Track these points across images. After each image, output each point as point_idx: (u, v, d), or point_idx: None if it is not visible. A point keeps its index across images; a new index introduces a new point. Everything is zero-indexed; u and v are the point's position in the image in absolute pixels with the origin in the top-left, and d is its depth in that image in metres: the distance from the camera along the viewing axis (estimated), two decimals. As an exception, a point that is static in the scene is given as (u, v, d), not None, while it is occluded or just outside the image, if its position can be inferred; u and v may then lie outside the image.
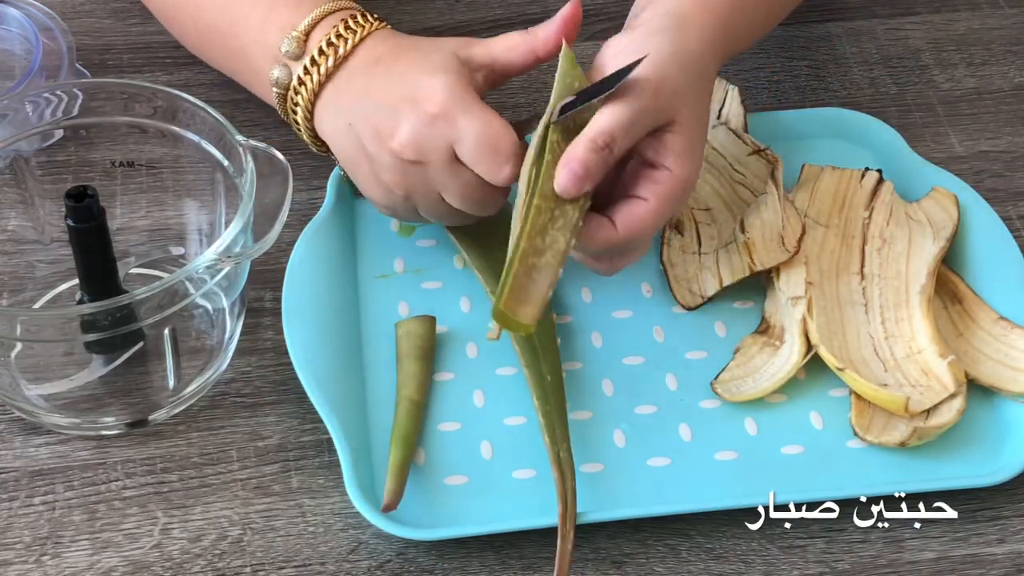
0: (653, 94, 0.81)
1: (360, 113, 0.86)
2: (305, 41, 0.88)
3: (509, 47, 0.86)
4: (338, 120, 0.87)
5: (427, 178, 0.85)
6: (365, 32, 0.88)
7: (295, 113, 0.90)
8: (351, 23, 0.88)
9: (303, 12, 0.89)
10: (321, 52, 0.87)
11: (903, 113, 1.07)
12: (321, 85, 0.88)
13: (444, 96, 0.83)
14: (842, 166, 0.98)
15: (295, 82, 0.88)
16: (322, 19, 0.89)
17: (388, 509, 0.80)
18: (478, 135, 0.82)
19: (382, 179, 0.86)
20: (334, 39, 0.88)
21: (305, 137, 0.91)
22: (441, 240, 0.96)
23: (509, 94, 1.07)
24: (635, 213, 0.82)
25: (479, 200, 0.85)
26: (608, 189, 0.83)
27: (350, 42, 0.88)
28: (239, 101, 1.02)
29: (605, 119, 0.80)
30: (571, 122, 0.82)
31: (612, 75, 0.81)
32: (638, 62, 0.80)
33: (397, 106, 0.84)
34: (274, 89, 0.90)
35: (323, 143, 0.91)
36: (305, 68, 0.88)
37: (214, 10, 0.94)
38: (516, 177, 0.82)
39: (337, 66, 0.87)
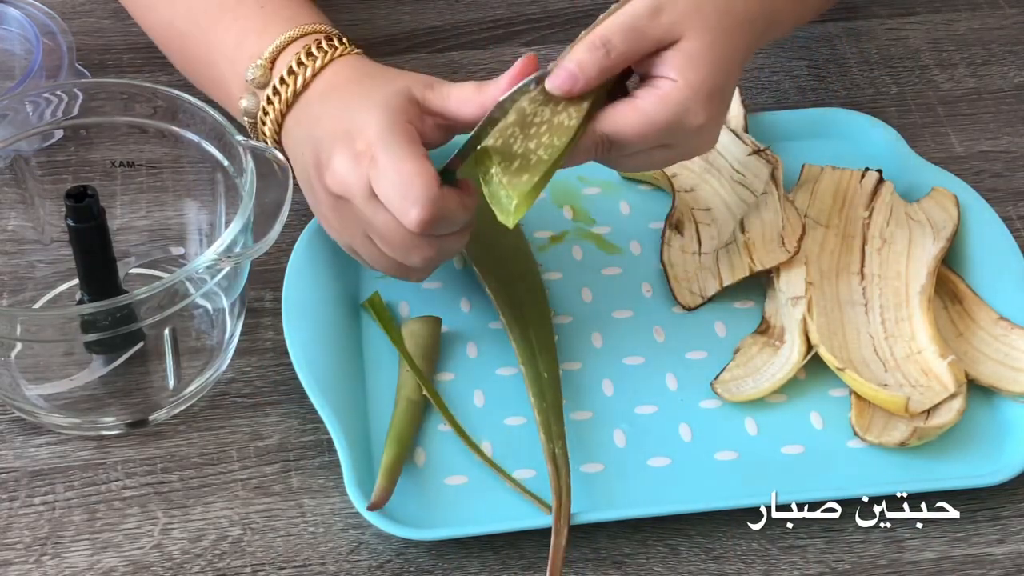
0: (655, 8, 0.80)
1: (309, 143, 0.85)
2: (271, 68, 0.87)
3: (461, 101, 0.83)
4: (296, 149, 0.86)
5: (353, 215, 0.83)
6: (328, 58, 0.87)
7: (264, 141, 0.89)
8: (314, 49, 0.87)
9: (269, 38, 0.88)
10: (282, 81, 0.86)
11: (903, 113, 1.07)
12: (283, 113, 0.87)
13: (372, 133, 0.81)
14: (842, 166, 0.98)
15: (260, 112, 0.88)
16: (287, 46, 0.87)
17: (374, 507, 0.80)
18: (392, 174, 0.79)
19: (321, 211, 0.86)
20: (295, 67, 0.86)
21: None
22: (441, 240, 0.96)
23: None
24: (621, 108, 0.80)
25: (400, 244, 0.82)
26: None
27: (310, 70, 0.86)
28: (239, 101, 1.02)
29: (606, 23, 0.79)
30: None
31: None
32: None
33: (332, 139, 0.82)
34: (244, 119, 0.89)
35: None
36: (267, 97, 0.87)
37: (196, 39, 0.93)
38: (425, 224, 0.79)
39: (297, 94, 0.86)
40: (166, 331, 0.85)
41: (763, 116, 1.03)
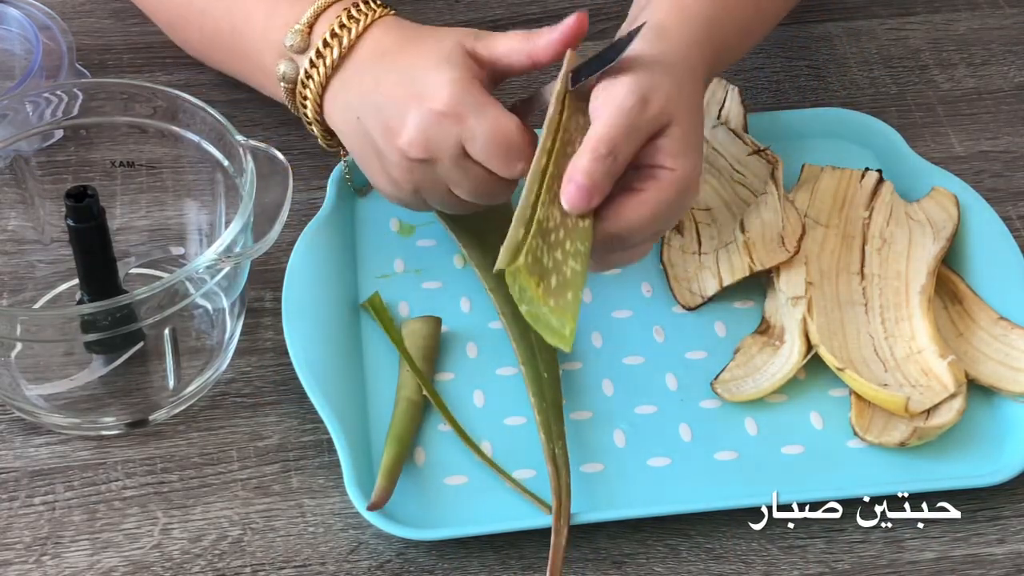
0: (642, 98, 0.80)
1: (369, 108, 0.85)
2: (309, 34, 0.88)
3: (509, 50, 0.85)
4: (347, 114, 0.87)
5: (436, 174, 0.84)
6: (369, 20, 0.88)
7: (304, 107, 0.89)
8: (353, 12, 0.88)
9: (305, 5, 0.88)
10: (326, 44, 0.87)
11: (903, 113, 1.07)
12: (328, 77, 0.87)
13: (450, 94, 0.82)
14: (842, 166, 0.98)
15: (302, 75, 0.88)
16: (324, 10, 0.88)
17: (374, 507, 0.80)
18: (489, 133, 0.81)
19: (391, 175, 0.86)
20: (337, 29, 0.87)
21: (316, 131, 0.91)
22: (441, 240, 0.96)
23: (509, 93, 1.07)
24: (628, 204, 0.80)
25: (490, 192, 0.85)
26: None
27: (354, 31, 0.87)
28: (239, 101, 1.02)
29: (602, 127, 0.79)
30: (587, 89, 0.81)
31: (619, 40, 0.81)
32: (642, 26, 0.81)
33: (404, 103, 0.83)
34: (282, 84, 0.89)
35: (333, 137, 0.91)
36: (311, 61, 0.88)
37: (218, 13, 0.94)
38: (527, 170, 0.80)
39: (343, 57, 0.87)
40: (166, 331, 0.85)
41: (763, 116, 1.03)
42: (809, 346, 0.88)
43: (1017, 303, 0.90)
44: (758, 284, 0.93)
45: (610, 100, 0.80)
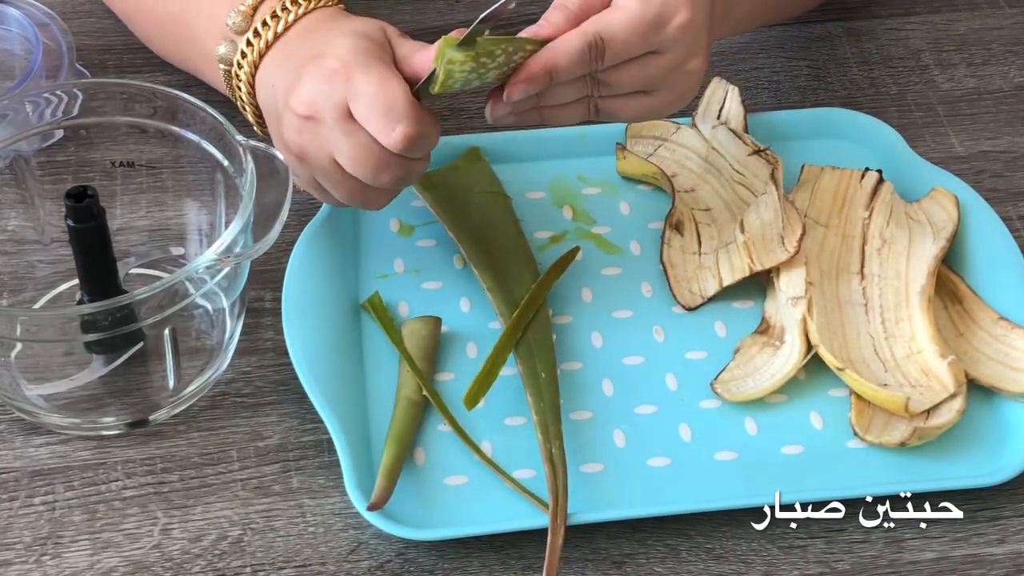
0: None
1: (279, 74, 0.85)
2: (252, 15, 0.88)
3: (402, 58, 0.84)
4: (265, 83, 0.87)
5: (320, 137, 0.82)
6: (311, 6, 0.88)
7: (239, 89, 0.89)
8: None
9: None
10: (264, 23, 0.87)
11: (903, 113, 1.07)
12: (261, 56, 0.87)
13: (345, 52, 0.81)
14: (842, 166, 0.98)
15: (238, 56, 0.88)
16: None
17: (374, 507, 0.80)
18: (373, 92, 0.79)
19: (283, 136, 0.85)
20: (279, 12, 0.87)
21: (249, 116, 0.91)
22: (441, 240, 0.96)
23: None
24: (608, 11, 0.81)
25: (372, 166, 0.82)
26: None
27: (292, 15, 0.87)
28: (239, 101, 1.02)
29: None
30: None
31: None
32: None
33: (303, 63, 0.83)
34: (220, 66, 0.89)
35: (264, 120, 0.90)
36: (248, 40, 0.88)
37: (169, 3, 0.94)
38: (410, 141, 0.79)
39: (277, 37, 0.87)
40: (166, 331, 0.85)
41: (763, 116, 1.03)
42: (809, 346, 0.88)
43: (1017, 303, 0.90)
44: (758, 284, 0.93)
45: None
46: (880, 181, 0.97)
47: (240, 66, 0.88)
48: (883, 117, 1.03)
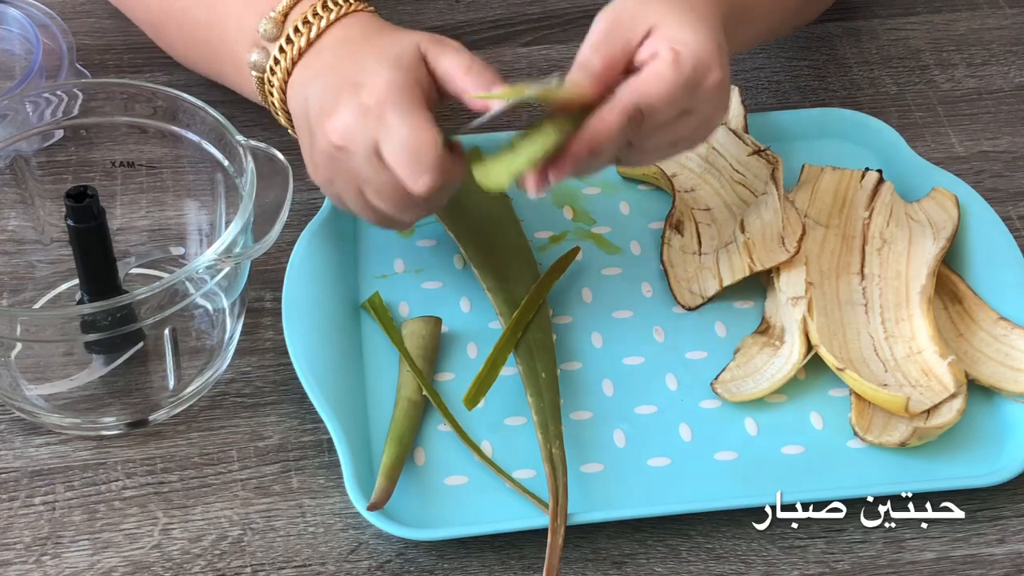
0: (608, 16, 0.82)
1: (315, 88, 0.85)
2: (283, 22, 0.88)
3: (446, 73, 0.84)
4: (298, 95, 0.87)
5: (351, 167, 0.83)
6: (342, 12, 0.88)
7: (271, 95, 0.89)
8: (329, 3, 0.88)
9: None
10: (296, 30, 0.87)
11: (903, 113, 1.07)
12: (294, 63, 0.88)
13: (382, 90, 0.81)
14: (842, 166, 0.98)
15: (271, 62, 0.88)
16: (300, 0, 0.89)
17: (374, 508, 0.80)
18: (403, 138, 0.80)
19: (314, 158, 0.86)
20: (310, 18, 0.87)
21: (283, 120, 0.91)
22: (441, 240, 0.96)
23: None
24: (642, 77, 0.81)
25: (396, 203, 0.83)
26: None
27: (324, 20, 0.87)
28: (239, 101, 1.02)
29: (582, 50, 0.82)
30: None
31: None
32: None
33: (341, 88, 0.83)
34: (252, 73, 0.89)
35: None
36: (280, 47, 0.88)
37: (198, 6, 0.94)
38: (433, 190, 0.80)
39: (310, 44, 0.87)
40: (166, 331, 0.85)
41: (763, 116, 1.03)
42: (809, 346, 0.88)
43: (1017, 303, 0.90)
44: (758, 284, 0.93)
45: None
46: (880, 181, 0.97)
47: (273, 72, 0.88)
48: (883, 117, 1.03)
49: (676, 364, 0.90)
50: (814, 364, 0.88)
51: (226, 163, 0.88)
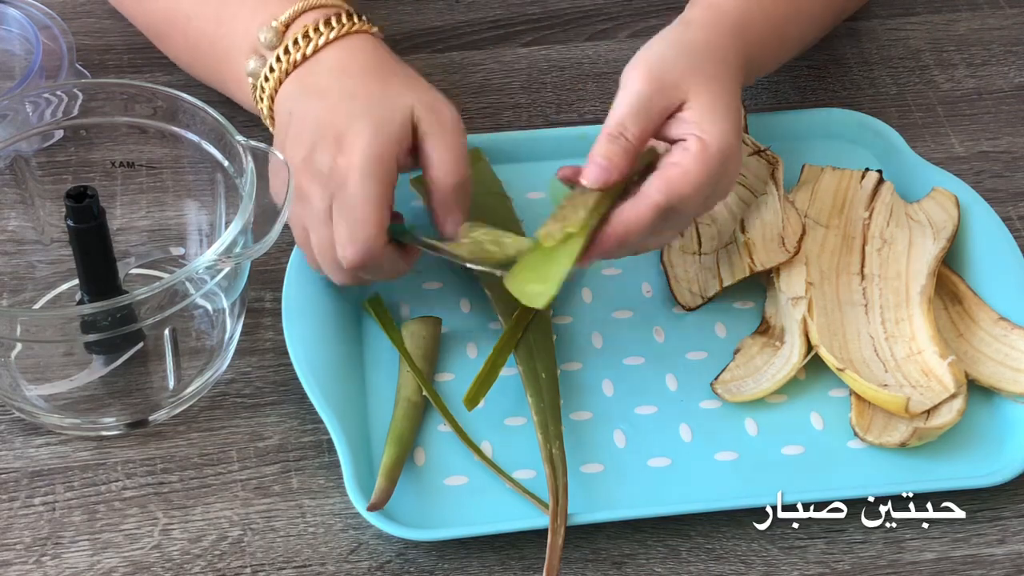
0: (650, 78, 0.84)
1: (301, 110, 0.86)
2: (284, 32, 0.89)
3: (433, 180, 0.86)
4: (286, 103, 0.88)
5: (306, 211, 0.85)
6: (344, 31, 0.88)
7: (261, 101, 0.90)
8: (333, 20, 0.88)
9: (288, 4, 0.89)
10: (296, 42, 0.88)
11: (903, 113, 1.07)
12: (287, 73, 0.88)
13: (357, 155, 0.83)
14: (842, 166, 0.98)
15: (266, 70, 0.89)
16: (305, 12, 0.89)
17: (374, 508, 0.80)
18: (349, 209, 0.83)
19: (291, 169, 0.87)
20: (311, 33, 0.88)
21: (271, 127, 0.91)
22: (441, 240, 0.96)
23: (509, 93, 1.07)
24: (670, 175, 0.82)
25: (327, 261, 0.86)
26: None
27: (323, 38, 0.88)
28: (239, 101, 1.02)
29: (613, 113, 0.83)
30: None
31: None
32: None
33: (324, 134, 0.84)
34: (249, 80, 0.90)
35: None
36: (278, 57, 0.88)
37: (204, 16, 0.94)
38: (354, 266, 0.84)
39: (305, 58, 0.88)
40: (166, 331, 0.85)
41: (763, 116, 1.03)
42: (809, 346, 0.88)
43: (1017, 303, 0.90)
44: (758, 285, 0.93)
45: (623, 86, 0.84)
46: (880, 181, 0.97)
47: (267, 79, 0.89)
48: (883, 117, 1.03)
49: (676, 364, 0.90)
50: (814, 364, 0.88)
51: (226, 163, 0.88)
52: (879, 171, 0.97)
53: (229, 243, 0.81)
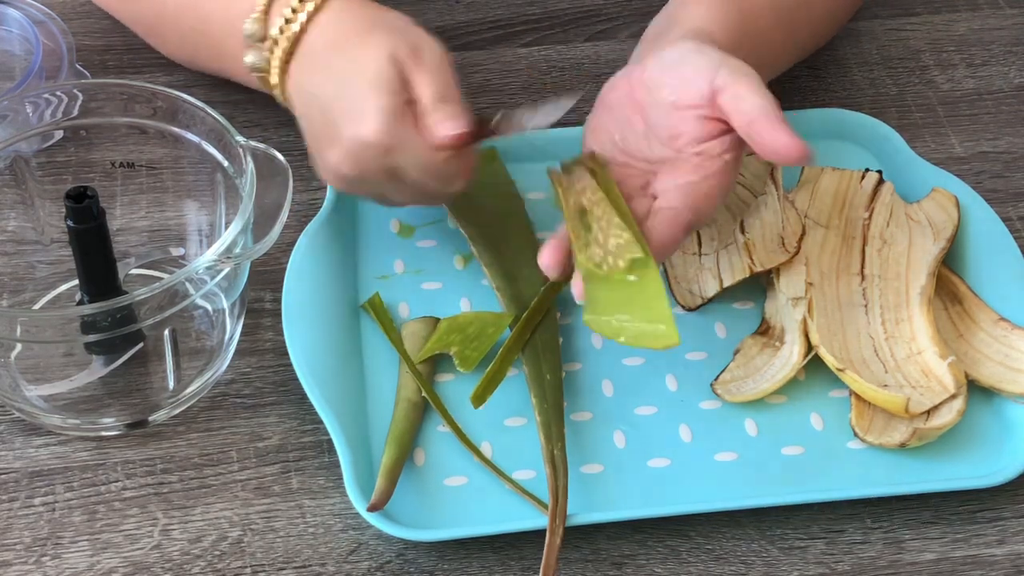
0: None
1: (314, 107, 0.86)
2: (265, 20, 0.88)
3: (422, 106, 0.85)
4: (300, 100, 0.88)
5: (370, 183, 0.86)
6: (314, 6, 0.87)
7: (277, 97, 0.90)
8: None
9: None
10: (281, 31, 0.88)
11: (903, 113, 1.07)
12: (286, 63, 0.88)
13: (377, 124, 0.83)
14: (842, 166, 0.98)
15: (264, 63, 0.89)
16: None
17: (374, 508, 0.80)
18: (419, 166, 0.84)
19: (329, 172, 0.88)
20: (289, 14, 0.87)
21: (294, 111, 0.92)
22: (441, 240, 0.96)
23: (509, 93, 1.07)
24: (700, 195, 0.84)
25: (435, 194, 0.88)
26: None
27: (304, 15, 0.87)
28: (239, 101, 1.02)
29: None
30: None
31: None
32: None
33: (340, 118, 0.84)
34: (254, 75, 0.90)
35: None
36: (270, 48, 0.88)
37: (188, 17, 0.94)
38: (464, 188, 0.87)
39: (297, 41, 0.88)
40: (166, 332, 0.85)
41: (763, 116, 1.03)
42: (809, 347, 0.88)
43: (1017, 303, 0.90)
44: (758, 285, 0.93)
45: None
46: (880, 182, 0.97)
47: (271, 72, 0.89)
48: (883, 117, 1.03)
49: (676, 365, 0.90)
50: (814, 365, 0.88)
51: (226, 164, 0.88)
52: (879, 171, 0.97)
53: (229, 243, 0.81)
